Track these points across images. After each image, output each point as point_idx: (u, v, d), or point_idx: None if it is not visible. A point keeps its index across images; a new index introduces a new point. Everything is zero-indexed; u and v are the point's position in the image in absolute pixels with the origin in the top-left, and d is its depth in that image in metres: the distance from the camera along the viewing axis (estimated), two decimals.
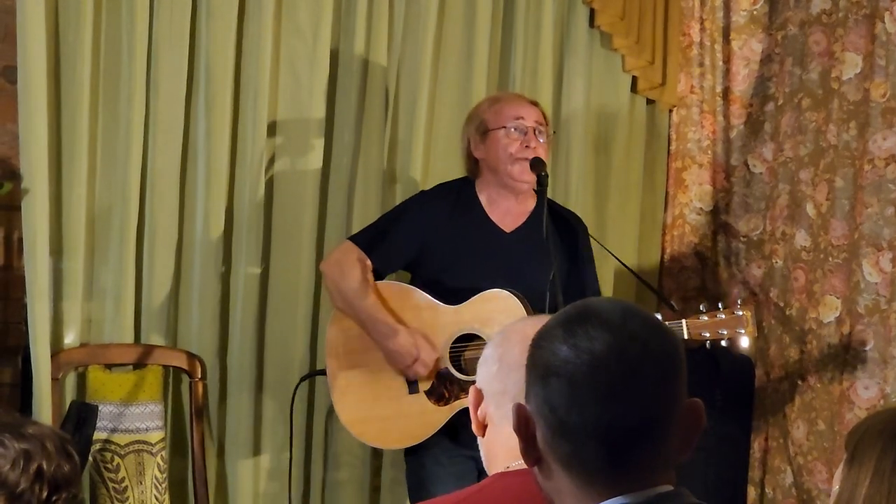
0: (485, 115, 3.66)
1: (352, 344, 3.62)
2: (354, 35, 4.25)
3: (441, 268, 3.61)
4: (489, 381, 2.03)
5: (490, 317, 3.52)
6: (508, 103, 3.69)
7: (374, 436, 3.67)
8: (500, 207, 3.68)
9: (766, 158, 4.76)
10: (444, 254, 3.62)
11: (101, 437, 3.90)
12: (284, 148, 4.23)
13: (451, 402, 3.54)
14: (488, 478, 2.06)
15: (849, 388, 4.27)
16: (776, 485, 4.59)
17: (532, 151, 3.58)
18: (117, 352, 3.99)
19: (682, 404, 1.45)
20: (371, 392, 3.60)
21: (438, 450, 3.57)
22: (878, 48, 4.25)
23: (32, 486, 2.08)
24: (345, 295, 3.60)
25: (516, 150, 3.59)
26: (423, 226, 3.64)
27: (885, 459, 2.09)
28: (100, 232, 3.99)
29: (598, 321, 1.43)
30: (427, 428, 3.55)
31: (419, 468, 3.62)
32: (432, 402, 3.55)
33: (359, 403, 3.62)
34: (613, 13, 4.64)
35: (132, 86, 3.94)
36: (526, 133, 3.60)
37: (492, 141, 3.62)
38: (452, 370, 3.55)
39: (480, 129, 3.65)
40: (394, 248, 3.65)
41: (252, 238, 4.15)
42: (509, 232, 3.68)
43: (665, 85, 4.81)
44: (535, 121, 3.63)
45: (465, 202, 3.69)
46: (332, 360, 3.67)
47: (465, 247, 3.62)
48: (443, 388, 3.55)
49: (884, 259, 4.23)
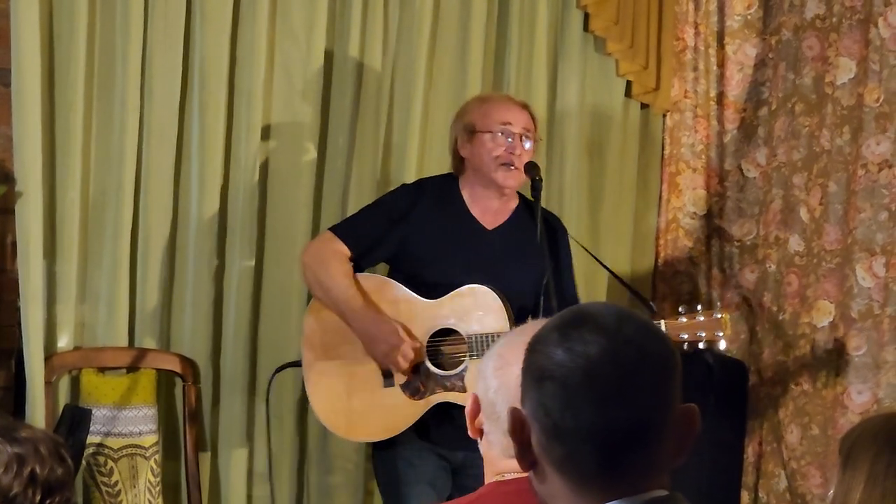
0: (473, 115, 3.66)
1: (328, 335, 3.61)
2: (348, 38, 4.25)
3: (420, 261, 3.61)
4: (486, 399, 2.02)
5: (468, 312, 3.52)
6: (497, 106, 3.68)
7: (345, 427, 3.64)
8: (483, 205, 3.67)
9: (759, 163, 4.76)
10: (424, 247, 3.61)
11: (94, 440, 3.89)
12: (278, 151, 4.23)
13: (426, 396, 3.53)
14: (484, 486, 2.06)
15: (842, 392, 4.27)
16: (770, 489, 4.59)
17: (518, 159, 3.58)
18: (111, 355, 3.99)
19: (677, 409, 1.45)
20: (345, 384, 3.58)
21: (410, 450, 3.56)
22: (872, 53, 4.26)
23: (26, 490, 2.07)
24: (323, 284, 3.59)
25: (501, 155, 3.59)
26: (404, 217, 3.64)
27: (878, 464, 2.09)
28: (93, 235, 3.98)
29: (593, 325, 1.43)
30: (400, 421, 3.53)
31: (391, 467, 3.60)
32: (407, 395, 3.54)
33: (332, 394, 3.60)
34: (607, 18, 4.65)
35: (126, 89, 3.93)
36: (512, 139, 3.60)
37: (478, 143, 3.62)
38: (430, 365, 3.53)
39: (468, 129, 3.64)
40: (373, 239, 3.64)
41: (245, 242, 4.14)
42: (490, 229, 3.68)
43: (659, 89, 4.81)
44: (522, 126, 3.63)
45: (447, 197, 3.69)
46: (307, 350, 3.65)
47: (445, 241, 3.62)
48: (418, 383, 3.54)
49: (877, 264, 4.23)
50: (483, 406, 2.01)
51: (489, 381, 1.99)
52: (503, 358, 1.98)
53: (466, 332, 3.52)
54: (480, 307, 3.51)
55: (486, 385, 2.00)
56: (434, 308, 3.55)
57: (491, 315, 3.51)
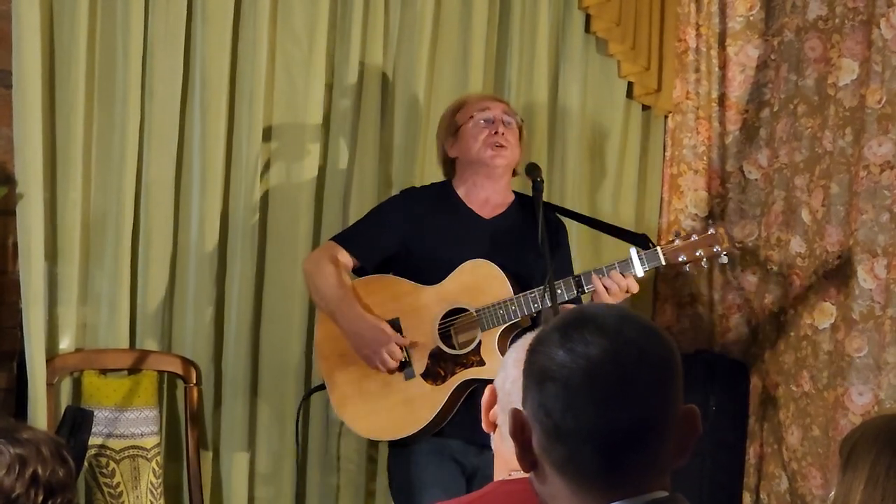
0: (453, 117, 3.77)
1: (338, 344, 3.63)
2: (350, 40, 4.25)
3: (421, 255, 3.65)
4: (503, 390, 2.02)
5: (471, 288, 3.57)
6: (472, 99, 3.83)
7: (379, 429, 3.66)
8: (479, 197, 3.73)
9: (761, 164, 4.76)
10: (424, 245, 3.66)
11: (96, 442, 3.89)
12: (280, 153, 4.23)
13: (448, 379, 3.55)
14: (490, 484, 2.06)
15: (843, 394, 4.26)
16: (771, 490, 4.59)
17: (501, 138, 3.67)
18: (112, 357, 3.99)
19: (678, 410, 1.45)
20: (367, 386, 3.61)
21: (425, 454, 3.57)
22: (875, 54, 4.26)
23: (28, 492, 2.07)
24: (318, 288, 3.66)
25: (486, 137, 3.67)
26: (404, 219, 3.70)
27: (878, 465, 2.09)
28: (95, 236, 3.99)
29: (594, 326, 1.43)
30: (430, 409, 3.54)
31: (405, 471, 3.61)
32: (430, 383, 3.56)
33: (357, 400, 3.62)
34: (609, 19, 4.65)
35: (127, 90, 3.94)
36: (493, 121, 3.69)
37: (462, 135, 3.71)
38: (444, 347, 3.56)
39: (451, 130, 3.75)
40: (374, 242, 3.69)
41: (247, 243, 4.15)
42: (488, 218, 3.72)
43: (660, 91, 4.81)
44: (501, 111, 3.74)
45: (443, 196, 3.75)
46: (321, 362, 3.70)
47: (444, 234, 3.67)
48: (437, 368, 3.56)
49: (878, 265, 4.23)
50: (499, 397, 2.02)
51: (508, 370, 2.01)
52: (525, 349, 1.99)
53: (474, 307, 3.54)
54: (482, 279, 3.56)
55: (505, 375, 2.01)
56: (438, 291, 3.59)
57: (494, 285, 3.55)
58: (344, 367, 3.63)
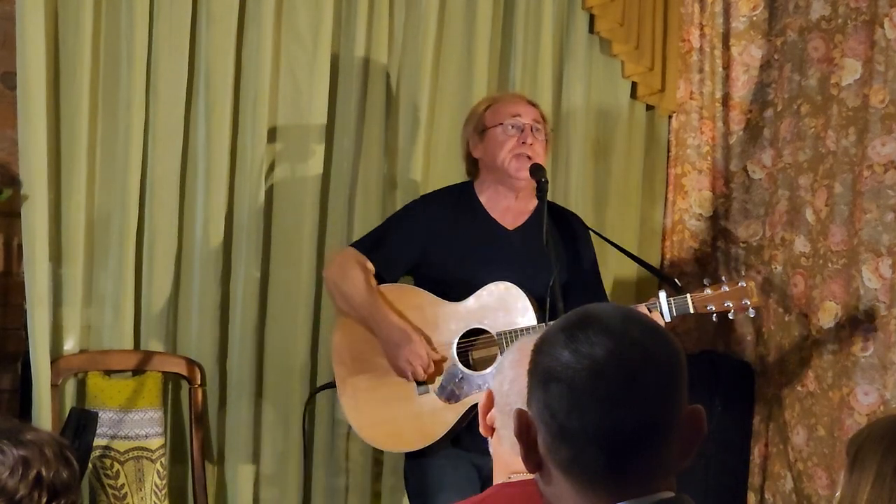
0: (483, 115, 3.68)
1: (358, 349, 3.59)
2: (354, 40, 4.25)
3: (443, 266, 3.60)
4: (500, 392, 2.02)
5: (495, 310, 3.52)
6: (506, 102, 3.71)
7: (385, 439, 3.63)
8: (501, 206, 3.67)
9: (765, 164, 4.76)
10: (446, 254, 3.60)
11: (100, 443, 3.89)
12: (284, 154, 4.23)
13: (461, 399, 3.52)
14: (491, 487, 2.06)
15: (848, 394, 4.26)
16: (776, 491, 4.58)
17: (529, 148, 3.58)
18: (117, 358, 3.99)
19: (683, 410, 1.45)
20: (381, 396, 3.57)
21: (443, 458, 3.55)
22: (878, 54, 4.25)
23: (31, 493, 2.07)
24: (345, 294, 3.58)
25: (513, 146, 3.59)
26: (424, 229, 3.63)
27: (885, 465, 2.09)
28: (99, 238, 3.99)
29: (599, 327, 1.43)
30: (439, 427, 3.52)
31: (421, 475, 3.59)
32: (443, 400, 3.53)
33: (369, 408, 3.59)
34: (613, 19, 4.65)
35: (132, 92, 3.94)
36: (523, 130, 3.61)
37: (489, 139, 3.63)
38: (461, 367, 3.52)
39: (478, 129, 3.66)
40: (395, 251, 3.63)
41: (252, 244, 4.15)
42: (511, 229, 3.67)
43: (664, 91, 4.81)
44: (532, 119, 3.64)
45: (466, 204, 3.68)
46: (339, 367, 3.63)
47: (467, 245, 3.61)
48: (452, 386, 3.53)
49: (883, 265, 4.22)
50: (497, 400, 2.02)
51: (505, 372, 2.01)
52: (522, 351, 1.98)
53: (495, 330, 3.51)
54: (506, 304, 3.52)
55: (503, 377, 2.01)
56: (460, 309, 3.55)
57: (518, 310, 3.51)
58: (359, 373, 3.59)
